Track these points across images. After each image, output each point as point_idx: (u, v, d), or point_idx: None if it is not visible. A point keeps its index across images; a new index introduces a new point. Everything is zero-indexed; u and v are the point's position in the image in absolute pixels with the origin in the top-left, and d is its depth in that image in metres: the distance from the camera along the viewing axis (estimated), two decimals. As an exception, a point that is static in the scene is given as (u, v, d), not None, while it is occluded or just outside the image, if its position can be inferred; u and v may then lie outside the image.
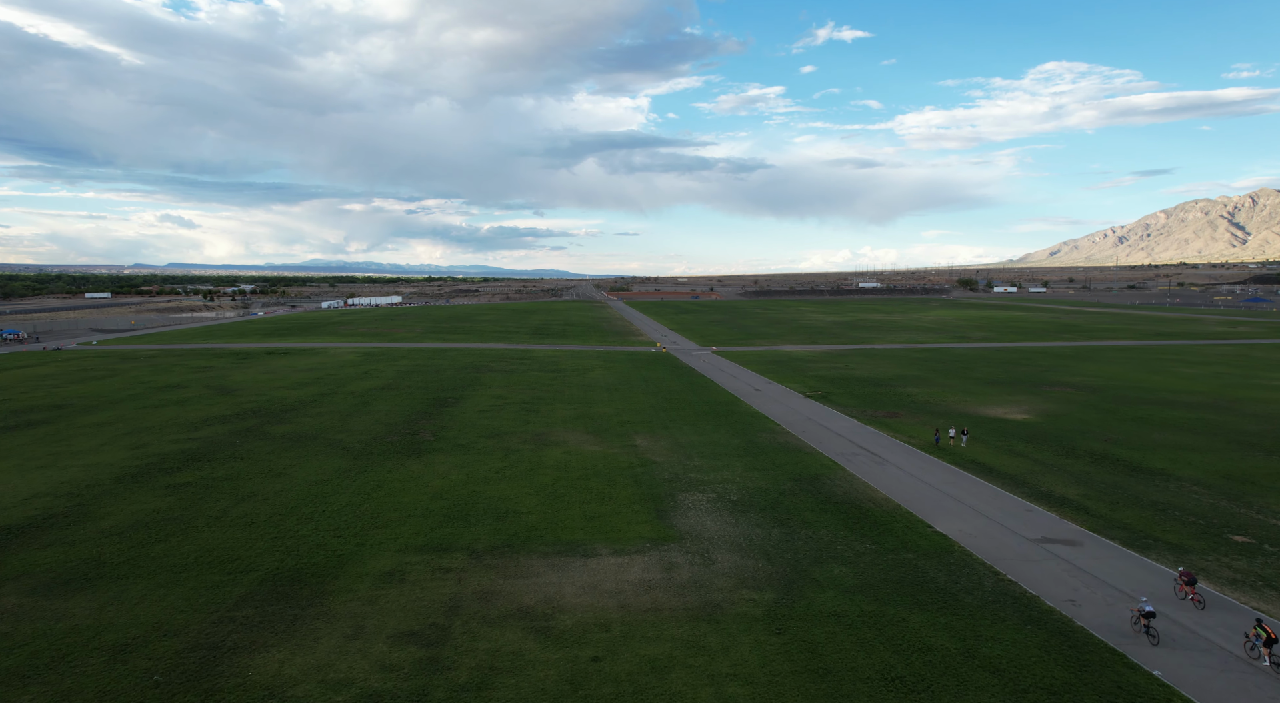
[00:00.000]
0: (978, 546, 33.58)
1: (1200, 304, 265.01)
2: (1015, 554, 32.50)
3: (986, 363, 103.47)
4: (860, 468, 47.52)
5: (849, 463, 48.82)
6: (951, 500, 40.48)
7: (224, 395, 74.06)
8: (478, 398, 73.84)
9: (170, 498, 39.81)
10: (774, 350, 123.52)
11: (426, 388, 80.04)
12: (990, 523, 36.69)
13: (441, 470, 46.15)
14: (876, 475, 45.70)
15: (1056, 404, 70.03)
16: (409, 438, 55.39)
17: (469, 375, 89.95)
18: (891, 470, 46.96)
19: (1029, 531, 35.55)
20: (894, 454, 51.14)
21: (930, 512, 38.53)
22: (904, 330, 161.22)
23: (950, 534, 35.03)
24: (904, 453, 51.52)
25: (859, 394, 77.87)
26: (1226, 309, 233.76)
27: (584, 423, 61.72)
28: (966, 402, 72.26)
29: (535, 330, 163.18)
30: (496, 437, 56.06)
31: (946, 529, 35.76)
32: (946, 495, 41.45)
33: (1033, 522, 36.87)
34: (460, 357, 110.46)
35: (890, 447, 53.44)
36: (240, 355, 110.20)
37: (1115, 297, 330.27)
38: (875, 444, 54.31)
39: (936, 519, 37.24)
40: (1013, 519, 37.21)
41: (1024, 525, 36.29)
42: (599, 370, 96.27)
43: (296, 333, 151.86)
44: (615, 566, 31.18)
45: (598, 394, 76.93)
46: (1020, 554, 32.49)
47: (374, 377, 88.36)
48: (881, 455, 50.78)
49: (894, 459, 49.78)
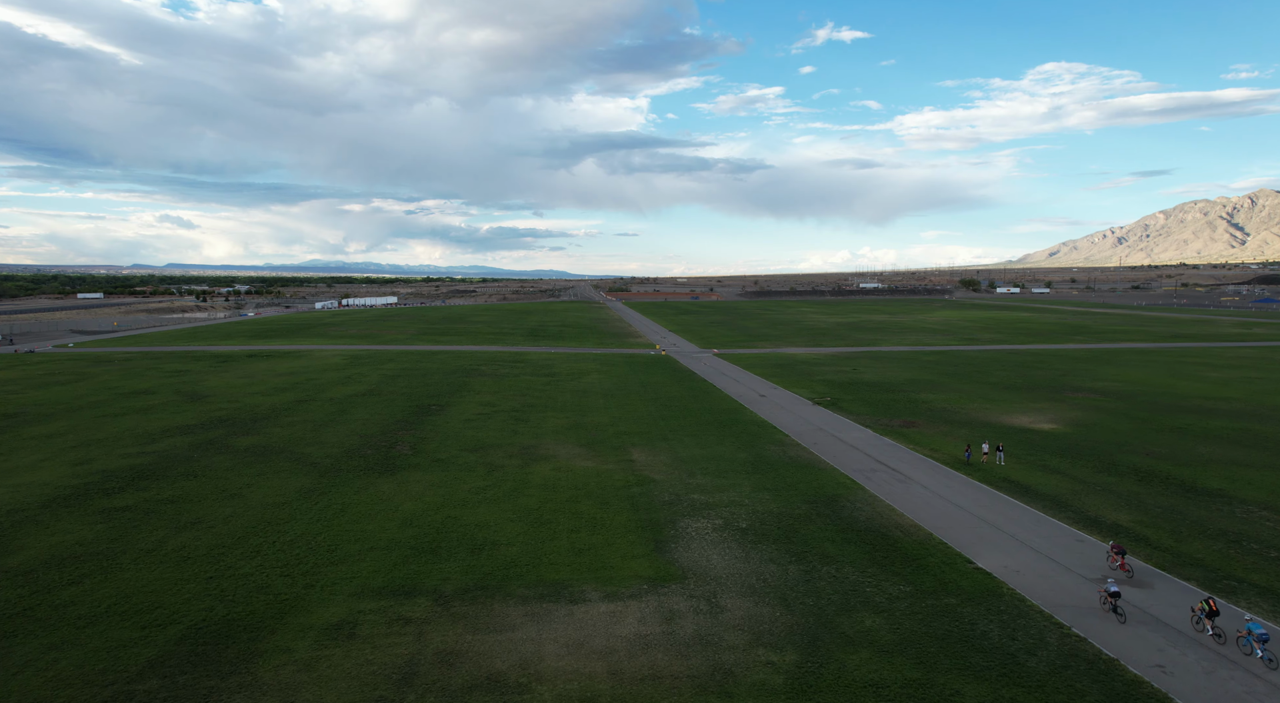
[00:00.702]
0: (1030, 587, 28.83)
1: (1208, 305, 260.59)
2: (1076, 600, 27.74)
3: (1000, 366, 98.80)
4: (882, 487, 42.78)
5: (868, 481, 44.08)
6: (989, 528, 35.73)
7: (193, 403, 69.22)
8: (464, 405, 69.04)
9: (101, 526, 34.99)
10: (777, 353, 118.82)
11: (411, 394, 75.24)
12: (1039, 558, 31.94)
13: (415, 491, 41.36)
14: (901, 497, 40.94)
15: (1084, 412, 65.33)
16: (384, 452, 50.59)
17: (457, 380, 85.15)
18: (917, 490, 42.21)
19: (1086, 567, 30.81)
20: (917, 471, 46.39)
21: (968, 542, 33.78)
22: (910, 332, 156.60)
23: (995, 572, 30.28)
24: (928, 469, 46.78)
25: (870, 401, 73.17)
26: (1236, 310, 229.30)
27: (577, 434, 56.96)
28: (986, 409, 67.55)
29: (531, 332, 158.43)
30: (480, 450, 51.26)
31: (990, 565, 31.01)
32: (983, 522, 36.70)
33: (1087, 556, 32.10)
34: (450, 360, 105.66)
35: (911, 462, 48.69)
36: (220, 358, 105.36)
37: (1120, 297, 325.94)
38: (894, 459, 49.57)
39: (977, 552, 32.48)
40: (1064, 553, 32.46)
41: (1078, 561, 31.55)
42: (595, 375, 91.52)
43: (284, 335, 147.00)
44: (606, 615, 26.42)
45: (593, 401, 72.18)
46: (1082, 600, 27.72)
47: (356, 382, 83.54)
48: (903, 472, 46.03)
49: (918, 477, 45.04)
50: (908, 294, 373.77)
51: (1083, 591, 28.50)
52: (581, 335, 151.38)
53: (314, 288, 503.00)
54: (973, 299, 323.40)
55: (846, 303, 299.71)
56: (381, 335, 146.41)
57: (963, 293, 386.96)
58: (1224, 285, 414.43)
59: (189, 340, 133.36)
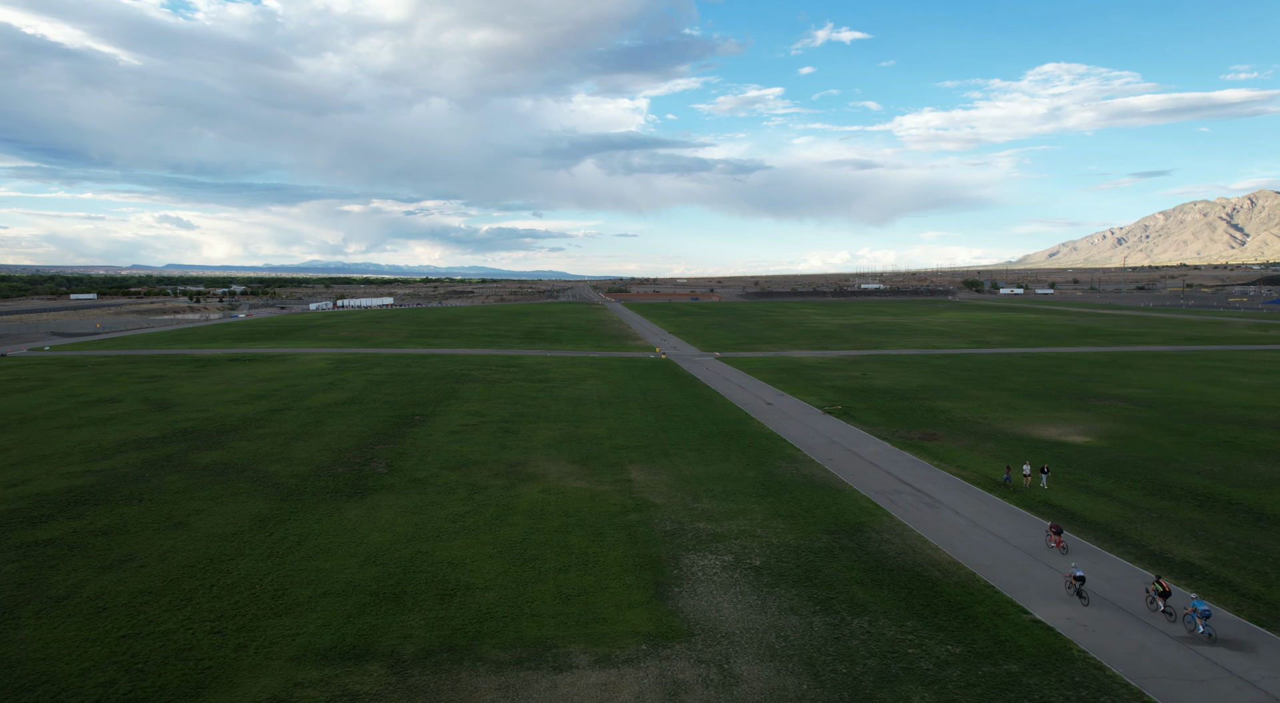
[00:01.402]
0: (1103, 648, 24.17)
1: (1216, 306, 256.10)
2: (1164, 666, 23.08)
3: (1016, 371, 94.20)
4: (909, 513, 38.14)
5: (893, 505, 39.45)
6: (1040, 567, 31.08)
7: (159, 412, 64.54)
8: (450, 415, 64.39)
9: (11, 566, 30.29)
10: (781, 356, 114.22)
11: (395, 402, 70.58)
12: (1106, 607, 27.29)
13: (385, 519, 36.70)
14: (933, 526, 36.31)
15: (1116, 423, 60.73)
16: (357, 470, 45.92)
17: (446, 387, 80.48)
18: (949, 517, 37.58)
19: (1163, 619, 26.15)
20: (946, 493, 41.75)
21: (1018, 585, 29.14)
22: (916, 334, 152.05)
23: (1058, 627, 25.62)
24: (957, 491, 42.14)
25: (885, 409, 68.56)
26: (1247, 311, 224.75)
27: (570, 448, 52.30)
28: (1009, 419, 62.96)
29: (527, 334, 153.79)
30: (463, 468, 46.59)
31: (1049, 617, 26.36)
32: (1031, 558, 32.05)
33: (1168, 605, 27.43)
34: (441, 364, 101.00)
35: (938, 482, 44.04)
36: (200, 362, 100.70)
37: (1125, 298, 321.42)
38: (919, 478, 44.93)
39: (1031, 600, 27.83)
40: (1135, 599, 27.81)
41: (1154, 610, 26.88)
42: (592, 380, 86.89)
43: (272, 337, 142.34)
44: (597, 688, 21.77)
45: (589, 410, 67.53)
46: (1172, 666, 23.06)
47: (339, 388, 78.87)
48: (932, 495, 41.39)
49: (948, 500, 40.40)
50: (910, 295, 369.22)
51: (1177, 656, 23.80)
52: (579, 338, 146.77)
53: (311, 288, 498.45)
54: (977, 300, 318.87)
55: (849, 304, 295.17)
56: (372, 338, 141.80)
57: (966, 294, 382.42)
58: (1229, 286, 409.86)
59: (172, 343, 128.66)
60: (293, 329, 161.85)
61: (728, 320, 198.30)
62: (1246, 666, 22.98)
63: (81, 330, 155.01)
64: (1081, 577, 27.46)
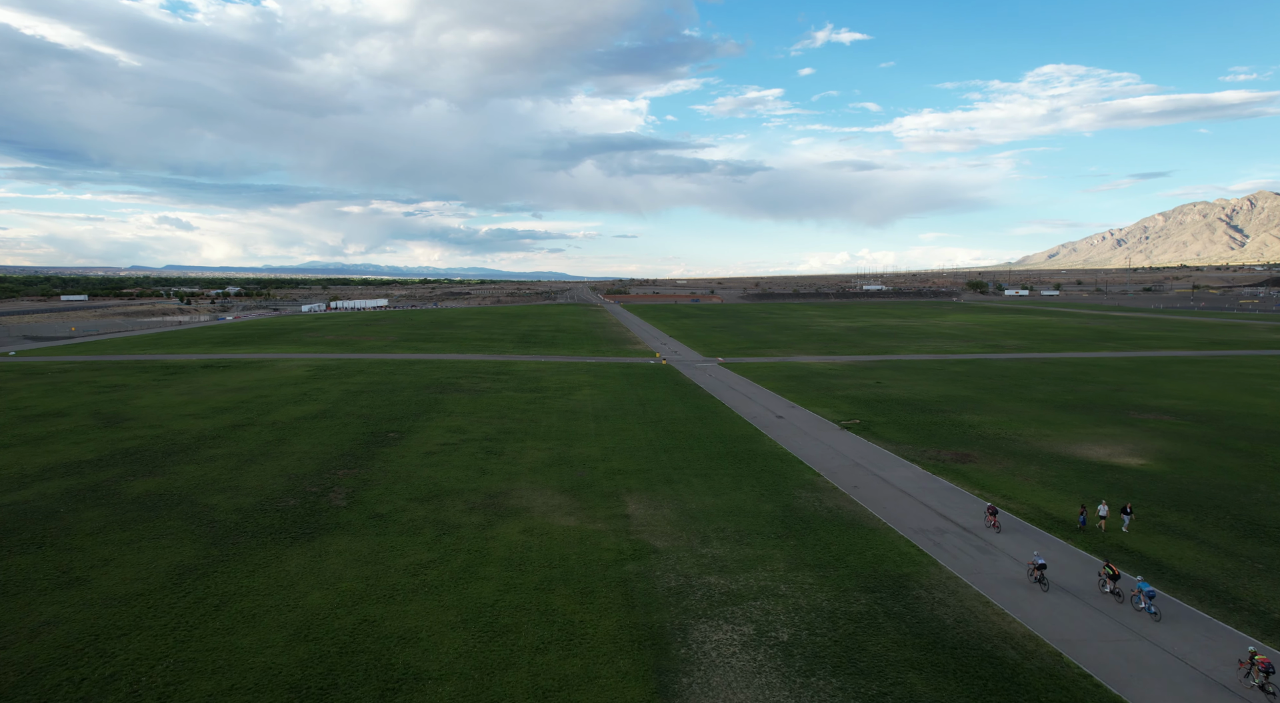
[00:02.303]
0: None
1: (1228, 308, 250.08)
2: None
3: (1041, 379, 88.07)
4: (960, 561, 31.95)
5: (939, 550, 33.27)
6: (1144, 645, 24.83)
7: (106, 429, 58.28)
8: (429, 432, 58.16)
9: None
10: (788, 362, 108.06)
11: (371, 416, 64.35)
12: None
13: (332, 571, 30.47)
14: (993, 581, 30.08)
15: (1168, 441, 54.60)
16: (311, 502, 39.68)
17: (429, 398, 74.23)
18: (1009, 568, 31.32)
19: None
20: (998, 533, 35.55)
21: (1115, 671, 22.94)
22: (926, 337, 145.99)
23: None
24: (1011, 530, 35.93)
25: (907, 424, 62.42)
26: (1262, 313, 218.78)
27: (560, 474, 46.08)
28: (1047, 436, 56.82)
29: (521, 338, 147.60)
30: (434, 500, 40.36)
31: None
32: (1127, 630, 25.81)
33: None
34: (427, 371, 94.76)
35: (985, 517, 37.85)
36: (170, 369, 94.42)
37: (1133, 300, 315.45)
38: (962, 512, 38.73)
39: (1142, 698, 21.61)
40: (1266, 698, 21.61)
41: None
42: (587, 390, 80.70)
43: (255, 341, 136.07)
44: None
45: (582, 425, 61.33)
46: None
47: (312, 399, 72.61)
48: (982, 536, 35.18)
49: (1002, 543, 34.19)
50: (914, 297, 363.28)
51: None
52: (575, 342, 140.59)
53: (308, 289, 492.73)
54: (983, 302, 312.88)
55: (853, 306, 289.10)
56: (359, 342, 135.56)
57: (970, 295, 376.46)
58: (1235, 288, 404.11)
59: (147, 348, 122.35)
60: (278, 332, 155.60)
61: (730, 323, 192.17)
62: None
63: (56, 334, 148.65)
64: (1043, 565, 28.75)
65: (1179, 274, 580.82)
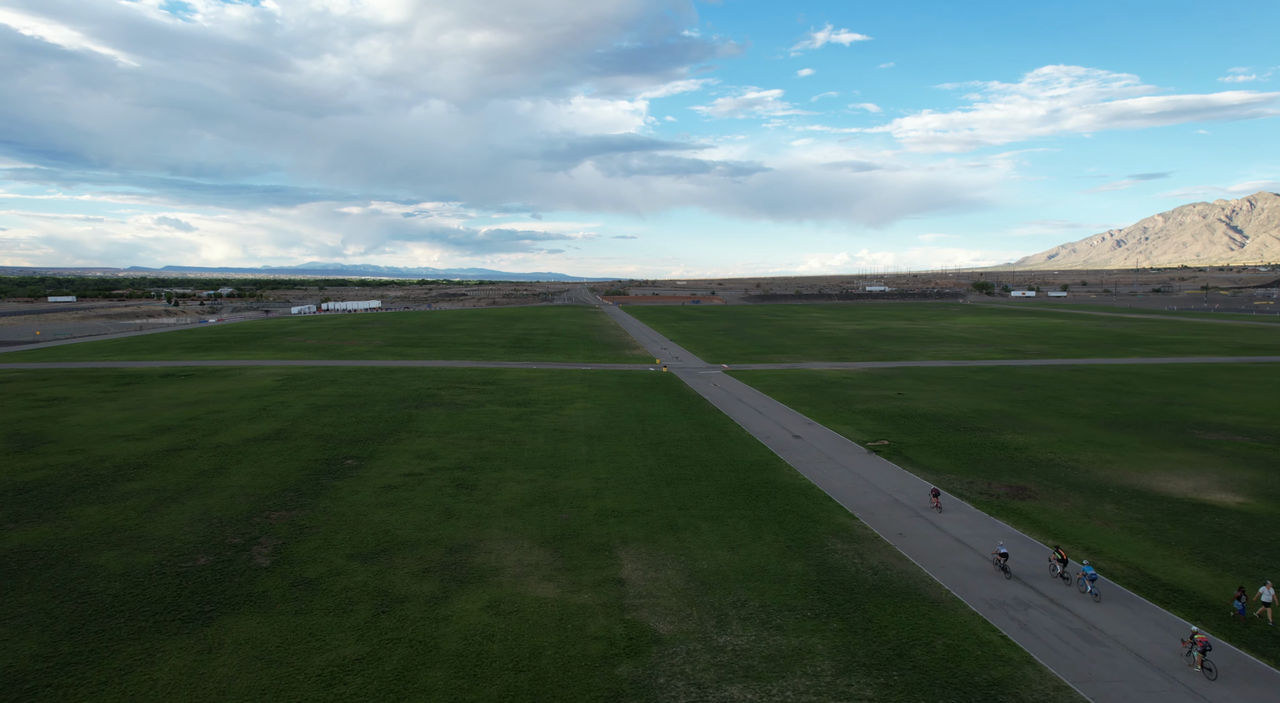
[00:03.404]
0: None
1: (1244, 309, 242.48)
2: None
3: (1076, 390, 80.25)
4: (1068, 664, 23.95)
5: (1031, 640, 25.32)
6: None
7: (15, 455, 50.25)
8: (394, 457, 50.22)
9: None
10: (798, 369, 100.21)
11: (331, 437, 56.43)
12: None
13: (219, 678, 22.50)
14: (1112, 692, 22.15)
15: (1258, 470, 46.73)
16: (226, 562, 31.71)
17: (402, 414, 66.27)
18: (1128, 667, 23.43)
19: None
20: (1105, 612, 27.59)
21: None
22: (940, 341, 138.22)
23: None
24: (1119, 605, 28.01)
25: (943, 446, 54.62)
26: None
27: (541, 517, 38.14)
28: (1110, 463, 48.99)
29: (514, 342, 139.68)
30: (381, 556, 32.42)
31: None
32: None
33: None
34: (407, 381, 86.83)
35: (1074, 586, 29.94)
36: (126, 379, 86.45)
37: (1143, 301, 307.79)
38: (1042, 577, 30.79)
39: None
40: None
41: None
42: (580, 403, 72.80)
43: (230, 346, 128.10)
44: None
45: (573, 448, 53.43)
46: None
47: (270, 416, 64.62)
48: (1084, 617, 27.21)
49: (1113, 627, 26.28)
50: (918, 298, 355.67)
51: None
52: (571, 347, 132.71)
53: (305, 291, 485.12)
54: (990, 303, 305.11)
55: (858, 307, 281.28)
56: (342, 347, 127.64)
57: (976, 296, 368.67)
58: (1244, 288, 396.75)
59: (112, 354, 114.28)
60: (258, 336, 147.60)
61: (733, 326, 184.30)
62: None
63: (20, 338, 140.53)
64: (1005, 553, 30.42)
65: (1184, 275, 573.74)
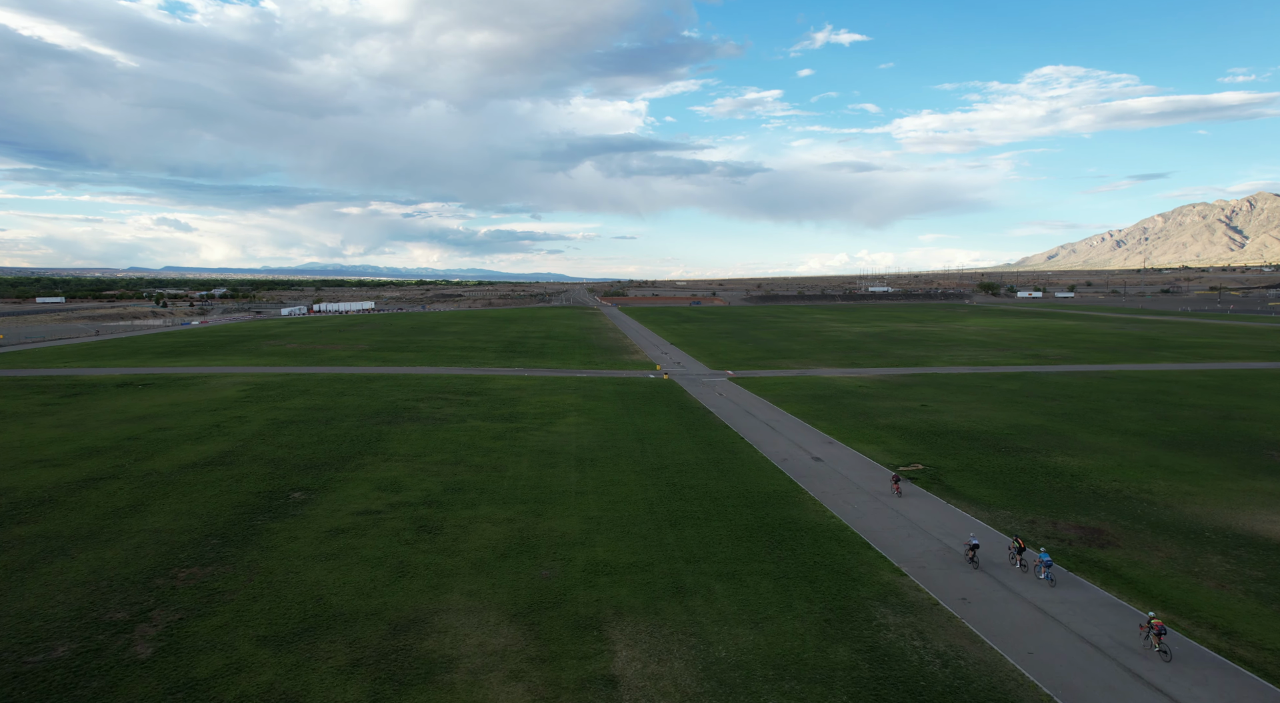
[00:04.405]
0: None
1: (1260, 311, 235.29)
2: None
3: (1116, 401, 72.95)
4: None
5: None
6: None
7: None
8: (351, 488, 42.82)
9: None
10: (809, 376, 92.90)
11: (283, 461, 49.04)
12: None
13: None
14: None
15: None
16: (91, 653, 24.29)
17: (372, 431, 58.88)
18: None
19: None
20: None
21: None
22: (954, 345, 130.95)
23: None
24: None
25: (984, 471, 47.37)
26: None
27: (515, 574, 30.77)
28: (1189, 495, 41.69)
29: (506, 346, 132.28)
30: (302, 640, 25.02)
31: None
32: None
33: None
34: (385, 390, 79.43)
35: (1222, 685, 22.64)
36: (75, 389, 79.02)
37: (1153, 302, 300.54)
38: (1171, 677, 23.51)
39: None
40: None
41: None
42: (573, 417, 65.47)
43: (205, 351, 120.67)
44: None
45: (561, 476, 46.04)
46: None
47: (221, 435, 57.19)
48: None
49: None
50: (923, 299, 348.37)
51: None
52: (566, 351, 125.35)
53: (302, 291, 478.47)
54: (998, 304, 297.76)
55: (863, 308, 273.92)
56: (323, 352, 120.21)
57: (982, 297, 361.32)
58: (1253, 289, 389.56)
59: (73, 360, 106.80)
60: (238, 340, 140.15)
61: (735, 328, 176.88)
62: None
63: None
64: (977, 545, 31.98)
65: (1189, 276, 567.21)
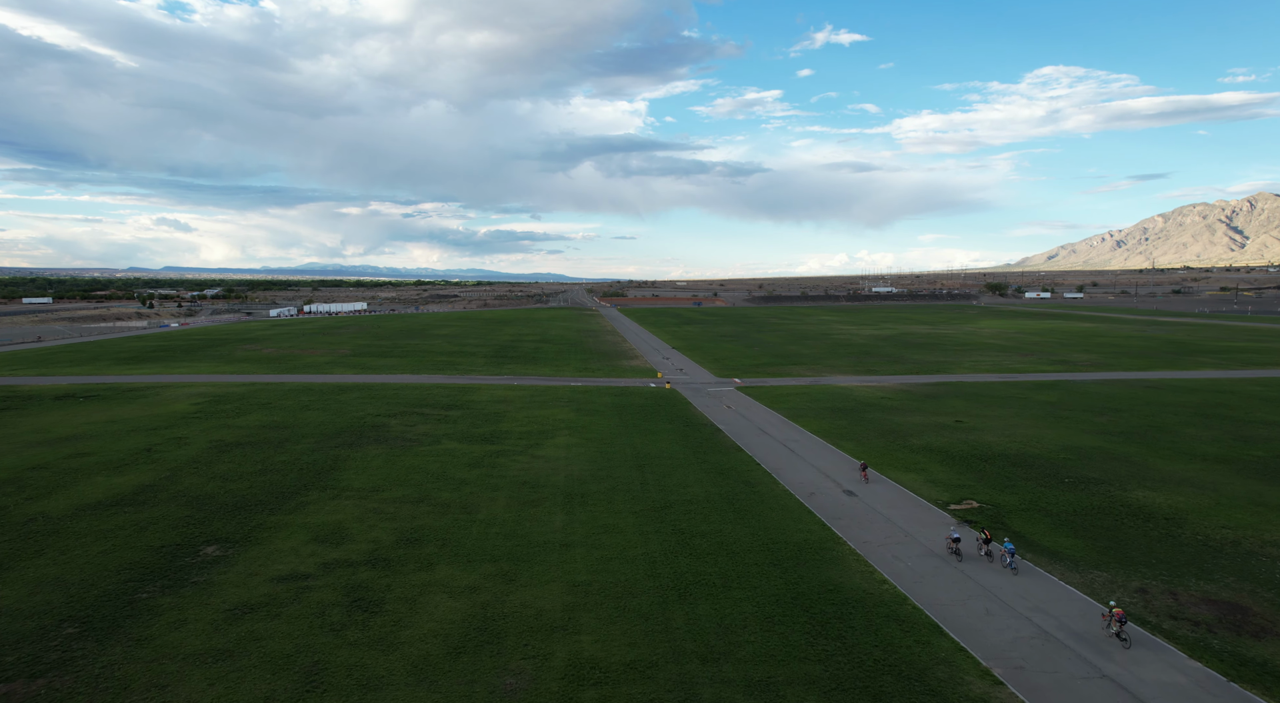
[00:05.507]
0: None
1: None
2: None
3: (1175, 415, 64.79)
4: None
5: None
6: None
7: None
8: (281, 541, 34.50)
9: None
10: (823, 386, 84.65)
11: (211, 498, 40.70)
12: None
13: None
14: None
15: None
16: None
17: (326, 457, 50.54)
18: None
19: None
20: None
21: None
22: (973, 349, 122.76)
23: None
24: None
25: (1055, 512, 39.20)
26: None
27: (471, 677, 22.48)
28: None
29: (498, 351, 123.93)
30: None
31: None
32: None
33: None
34: (355, 404, 71.11)
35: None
36: (8, 403, 70.65)
37: (1165, 302, 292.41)
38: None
39: None
40: None
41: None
42: (564, 436, 57.21)
43: (173, 356, 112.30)
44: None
45: (543, 520, 37.74)
46: None
47: (148, 462, 48.83)
48: None
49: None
50: (929, 299, 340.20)
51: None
52: (560, 356, 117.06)
53: (298, 291, 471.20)
54: (1008, 305, 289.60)
55: (870, 309, 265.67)
56: (300, 357, 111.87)
57: (990, 298, 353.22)
58: (1264, 289, 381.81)
59: (21, 367, 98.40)
60: (213, 344, 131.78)
61: (740, 331, 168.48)
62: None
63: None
64: (958, 538, 32.96)
65: (1195, 276, 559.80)
